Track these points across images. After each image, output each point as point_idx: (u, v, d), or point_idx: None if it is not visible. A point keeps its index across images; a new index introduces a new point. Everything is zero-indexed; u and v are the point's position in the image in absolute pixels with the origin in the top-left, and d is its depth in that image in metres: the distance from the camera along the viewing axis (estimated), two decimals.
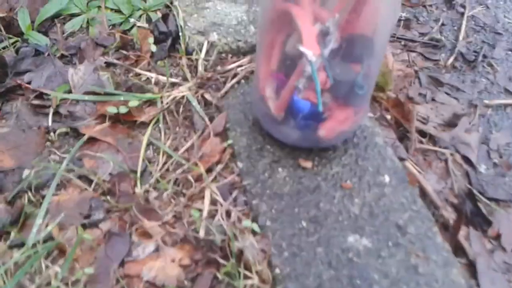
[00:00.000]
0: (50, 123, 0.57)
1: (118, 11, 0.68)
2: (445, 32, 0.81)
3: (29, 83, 0.61)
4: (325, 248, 0.43)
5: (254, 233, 0.45)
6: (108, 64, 0.62)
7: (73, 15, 0.68)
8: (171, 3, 0.67)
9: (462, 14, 0.85)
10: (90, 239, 0.45)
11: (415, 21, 0.83)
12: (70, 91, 0.59)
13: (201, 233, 0.45)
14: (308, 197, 0.47)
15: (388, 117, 0.61)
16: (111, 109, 0.55)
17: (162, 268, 0.43)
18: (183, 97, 0.56)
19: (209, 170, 0.51)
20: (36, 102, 0.59)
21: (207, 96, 0.56)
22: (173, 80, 0.58)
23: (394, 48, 0.76)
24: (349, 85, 0.44)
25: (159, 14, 0.66)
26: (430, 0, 0.89)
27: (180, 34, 0.62)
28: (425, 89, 0.69)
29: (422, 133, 0.61)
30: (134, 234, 0.46)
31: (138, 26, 0.64)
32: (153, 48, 0.61)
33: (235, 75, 0.58)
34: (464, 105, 0.68)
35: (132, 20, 0.65)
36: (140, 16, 0.66)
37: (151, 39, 0.62)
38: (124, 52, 0.63)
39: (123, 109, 0.55)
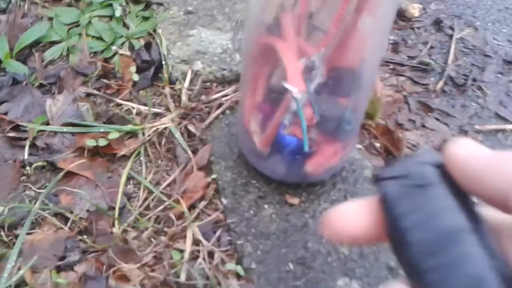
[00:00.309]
0: (26, 156, 0.54)
1: (100, 38, 0.66)
2: (434, 55, 0.80)
3: (5, 114, 0.59)
4: None
5: (238, 276, 0.42)
6: (88, 94, 0.60)
7: (53, 43, 0.66)
8: (154, 30, 0.65)
9: (451, 36, 0.84)
10: (64, 283, 0.42)
11: (403, 44, 0.82)
12: (48, 123, 0.57)
13: (182, 277, 0.42)
14: (295, 236, 0.44)
15: (377, 145, 0.59)
16: (90, 142, 0.52)
17: None
18: (165, 128, 0.54)
19: (192, 207, 0.48)
20: (12, 134, 0.56)
21: (190, 127, 0.54)
22: (156, 110, 0.57)
23: (383, 72, 0.75)
24: (336, 120, 0.42)
25: (142, 42, 0.64)
26: (418, 22, 0.88)
27: (164, 62, 0.60)
28: (415, 114, 0.68)
29: None
30: (111, 277, 0.44)
31: (120, 54, 0.62)
32: (135, 77, 0.59)
33: (220, 105, 0.56)
34: (455, 131, 0.67)
35: (114, 47, 0.63)
36: (123, 44, 0.64)
37: (133, 68, 0.60)
38: (106, 81, 0.61)
39: (102, 142, 0.52)
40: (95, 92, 0.59)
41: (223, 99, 0.56)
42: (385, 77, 0.74)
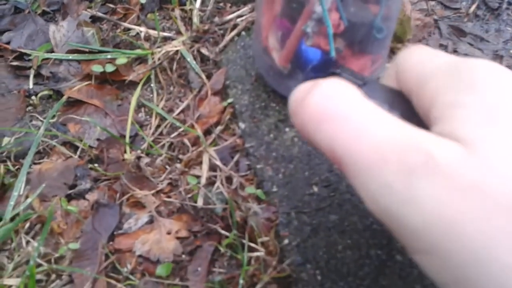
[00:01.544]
0: (31, 86, 0.51)
1: None
2: None
3: (8, 43, 0.55)
4: (339, 216, 0.38)
5: (259, 200, 0.39)
6: (94, 19, 0.56)
7: None
8: None
9: None
10: (75, 211, 0.40)
11: None
12: (52, 51, 0.54)
13: (200, 202, 0.40)
14: (319, 159, 0.41)
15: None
16: (97, 68, 0.49)
17: (157, 241, 0.39)
18: (176, 52, 0.50)
19: (207, 133, 0.45)
20: (15, 63, 0.53)
21: (203, 50, 0.50)
22: (165, 34, 0.52)
23: None
24: (366, 28, 0.38)
25: None
26: None
27: None
28: (446, 39, 0.63)
29: None
30: (125, 204, 0.41)
31: None
32: None
33: (234, 27, 0.52)
34: (489, 56, 0.62)
35: None
36: None
37: None
38: (111, 5, 0.57)
39: (109, 68, 0.49)
40: (101, 15, 0.55)
41: (238, 19, 0.52)
42: (414, 1, 0.68)
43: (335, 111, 0.20)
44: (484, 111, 0.18)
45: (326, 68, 0.41)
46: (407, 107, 0.23)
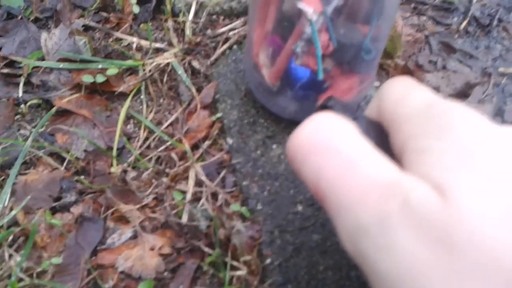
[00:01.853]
0: (20, 94, 0.51)
1: None
2: None
3: None
4: (322, 235, 0.38)
5: (243, 218, 0.39)
6: (86, 28, 0.56)
7: None
8: None
9: None
10: (59, 224, 0.40)
11: None
12: (43, 58, 0.54)
13: (184, 218, 0.40)
14: None
15: (389, 80, 0.55)
16: (87, 78, 0.49)
17: (140, 257, 0.39)
18: (168, 64, 0.50)
19: (195, 147, 0.45)
20: (6, 70, 0.53)
21: (195, 63, 0.50)
22: (157, 45, 0.52)
23: (403, 11, 0.69)
24: (355, 49, 0.38)
25: None
26: None
27: None
28: (436, 56, 0.63)
29: None
30: (109, 218, 0.41)
31: None
32: (136, 9, 0.55)
33: (226, 40, 0.52)
34: (478, 74, 0.62)
35: None
36: None
37: None
38: (105, 14, 0.57)
39: (100, 78, 0.49)
40: (94, 25, 0.55)
41: (231, 33, 0.52)
42: (406, 16, 0.68)
43: (327, 143, 0.20)
44: (456, 156, 0.18)
45: (314, 86, 0.41)
46: (385, 141, 0.23)
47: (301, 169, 0.21)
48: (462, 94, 0.57)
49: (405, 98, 0.22)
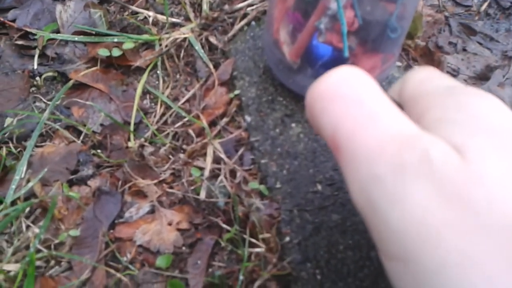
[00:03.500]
0: (35, 66, 0.50)
1: None
2: None
3: (13, 21, 0.54)
4: (342, 215, 0.38)
5: (262, 196, 0.39)
6: (102, 1, 0.55)
7: None
8: None
9: None
10: (77, 197, 0.40)
11: None
12: (58, 31, 0.53)
13: (202, 195, 0.39)
14: (324, 156, 0.41)
15: (416, 67, 0.54)
16: (103, 52, 0.48)
17: (158, 231, 0.39)
18: (184, 39, 0.49)
19: (212, 124, 0.45)
20: (20, 42, 0.52)
21: (212, 39, 0.50)
22: (174, 20, 0.51)
23: None
24: (380, 26, 0.37)
25: None
26: None
27: None
28: (456, 37, 0.62)
29: None
30: (127, 193, 0.41)
31: None
32: None
33: (244, 16, 0.51)
34: (498, 57, 0.61)
35: None
36: None
37: None
38: None
39: (116, 52, 0.48)
40: None
41: (249, 8, 0.51)
42: None
43: (351, 93, 0.20)
44: (476, 125, 0.18)
45: (336, 65, 0.40)
46: None
47: (320, 117, 0.21)
48: (482, 76, 0.57)
49: (428, 80, 0.22)
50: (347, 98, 0.20)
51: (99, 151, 0.44)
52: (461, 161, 0.16)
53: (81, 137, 0.45)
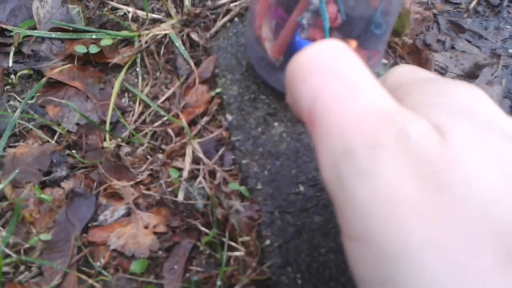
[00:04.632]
0: (10, 64, 0.49)
1: None
2: None
3: None
4: (324, 217, 0.36)
5: (242, 197, 0.38)
6: None
7: None
8: None
9: None
10: (49, 199, 0.38)
11: None
12: (35, 28, 0.51)
13: (180, 197, 0.38)
14: (307, 156, 0.39)
15: (402, 64, 0.53)
16: (80, 49, 0.47)
17: (133, 235, 0.37)
18: (165, 36, 0.48)
19: (192, 123, 0.43)
20: None
21: (193, 36, 0.48)
22: (155, 16, 0.50)
23: None
24: (364, 22, 0.36)
25: None
26: None
27: None
28: (444, 35, 0.61)
29: None
30: (102, 195, 0.39)
31: None
32: None
33: (227, 12, 0.49)
34: (487, 55, 0.60)
35: None
36: None
37: None
38: None
39: (93, 49, 0.47)
40: None
41: (232, 4, 0.49)
42: None
43: (333, 65, 0.19)
44: (458, 108, 0.17)
45: None
46: None
47: (299, 87, 0.20)
48: (471, 74, 0.56)
49: (410, 72, 0.22)
50: (327, 70, 0.19)
51: (73, 151, 0.42)
52: (441, 140, 0.16)
53: (56, 137, 0.43)
